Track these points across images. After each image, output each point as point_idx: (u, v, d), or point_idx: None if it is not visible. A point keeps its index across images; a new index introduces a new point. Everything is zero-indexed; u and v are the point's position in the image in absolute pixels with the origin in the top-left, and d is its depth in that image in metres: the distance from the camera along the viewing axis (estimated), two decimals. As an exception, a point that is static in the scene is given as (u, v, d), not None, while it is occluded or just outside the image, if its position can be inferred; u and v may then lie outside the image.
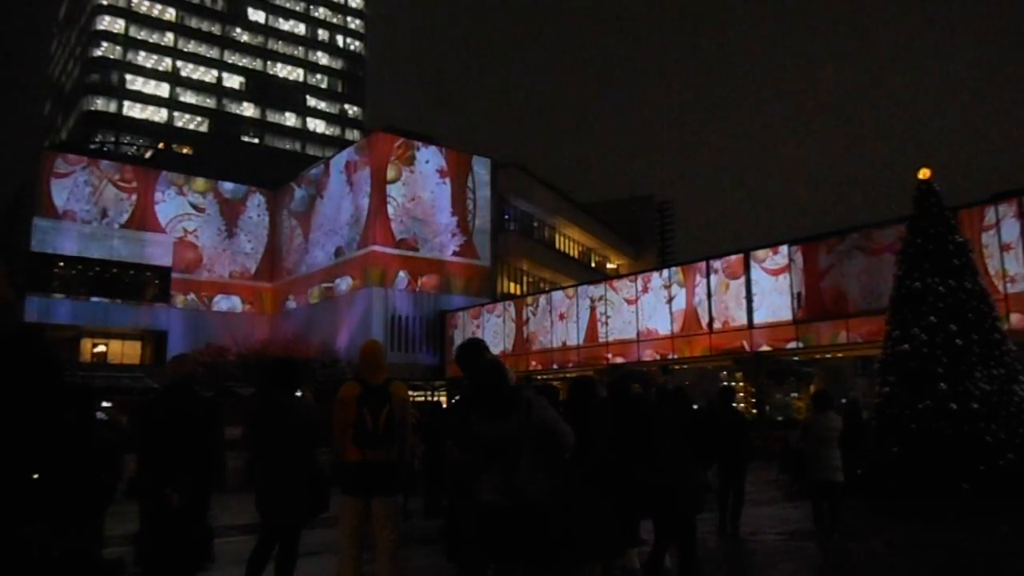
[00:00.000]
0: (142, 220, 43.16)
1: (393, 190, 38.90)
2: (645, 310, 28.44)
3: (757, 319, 24.50)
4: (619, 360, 28.82)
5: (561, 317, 31.91)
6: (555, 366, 31.56)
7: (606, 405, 5.49)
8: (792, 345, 23.47)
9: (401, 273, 38.34)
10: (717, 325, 25.72)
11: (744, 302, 24.82)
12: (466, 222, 40.76)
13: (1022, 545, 8.17)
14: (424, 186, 39.78)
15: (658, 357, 27.43)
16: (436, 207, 39.92)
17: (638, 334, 28.46)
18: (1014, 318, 18.11)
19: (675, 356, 27.00)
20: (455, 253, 40.22)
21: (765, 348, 24.24)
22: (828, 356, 24.73)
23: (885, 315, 13.18)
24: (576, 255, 52.51)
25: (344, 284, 40.27)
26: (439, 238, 39.80)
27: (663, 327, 27.62)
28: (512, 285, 43.69)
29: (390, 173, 39.08)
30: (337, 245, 41.44)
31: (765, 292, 24.39)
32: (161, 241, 43.76)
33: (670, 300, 27.60)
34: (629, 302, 29.24)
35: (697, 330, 26.43)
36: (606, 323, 29.89)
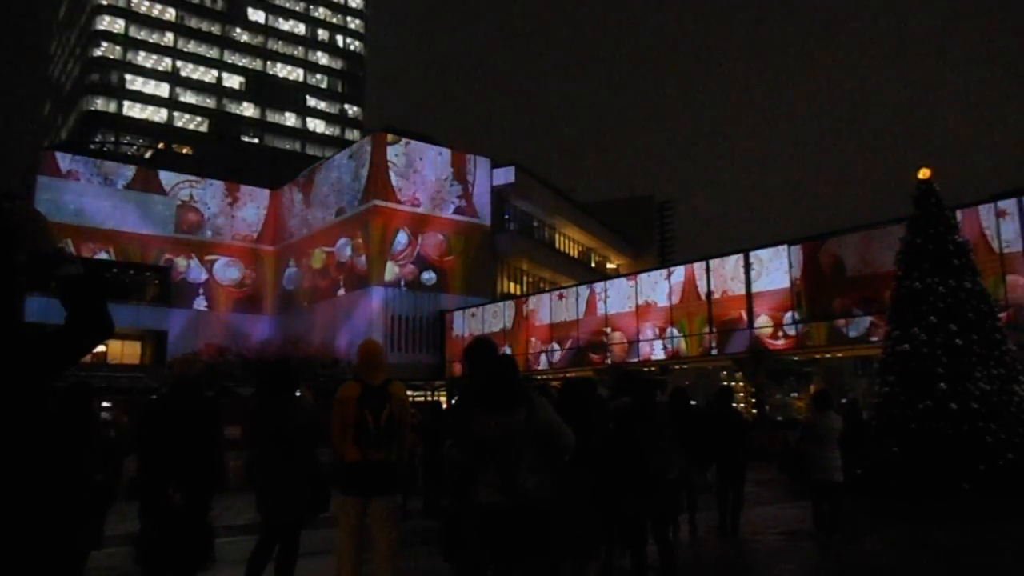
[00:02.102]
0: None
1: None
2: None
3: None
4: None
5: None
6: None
7: (599, 406, 5.51)
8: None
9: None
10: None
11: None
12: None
13: (1022, 545, 8.17)
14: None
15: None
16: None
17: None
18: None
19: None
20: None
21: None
22: (828, 356, 24.73)
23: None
24: (576, 255, 52.51)
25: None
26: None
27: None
28: (512, 285, 43.72)
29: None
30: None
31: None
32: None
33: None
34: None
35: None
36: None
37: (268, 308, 46.96)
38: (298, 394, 5.66)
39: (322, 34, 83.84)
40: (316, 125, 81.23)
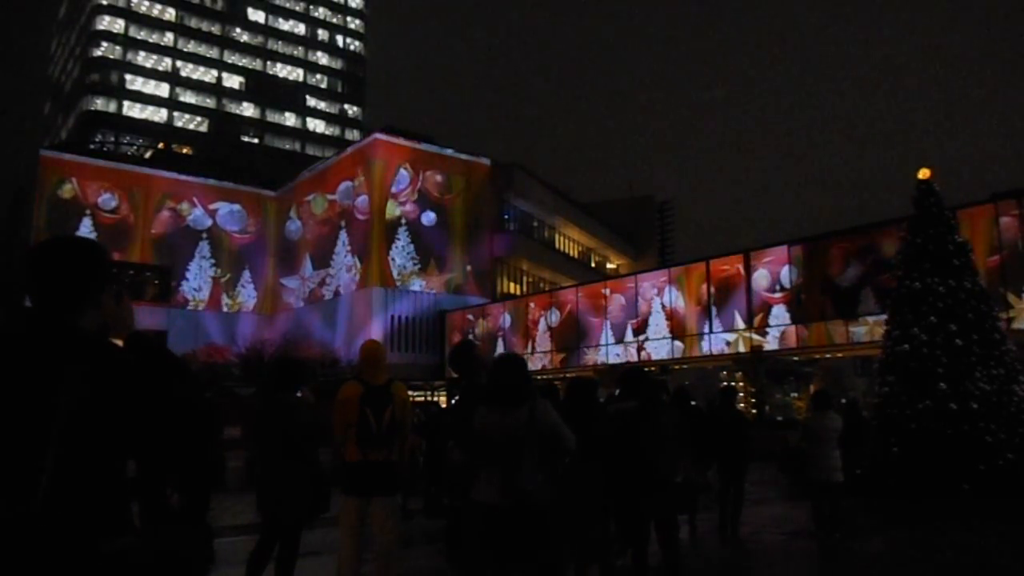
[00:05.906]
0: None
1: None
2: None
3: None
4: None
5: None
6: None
7: (600, 406, 5.50)
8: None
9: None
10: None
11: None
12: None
13: (1022, 545, 8.16)
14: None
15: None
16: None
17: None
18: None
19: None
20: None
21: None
22: (828, 356, 24.75)
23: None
24: (576, 255, 52.48)
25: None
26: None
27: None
28: (512, 285, 43.70)
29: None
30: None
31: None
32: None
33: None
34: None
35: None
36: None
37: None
38: (298, 394, 5.65)
39: (322, 34, 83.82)
40: (316, 125, 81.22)
